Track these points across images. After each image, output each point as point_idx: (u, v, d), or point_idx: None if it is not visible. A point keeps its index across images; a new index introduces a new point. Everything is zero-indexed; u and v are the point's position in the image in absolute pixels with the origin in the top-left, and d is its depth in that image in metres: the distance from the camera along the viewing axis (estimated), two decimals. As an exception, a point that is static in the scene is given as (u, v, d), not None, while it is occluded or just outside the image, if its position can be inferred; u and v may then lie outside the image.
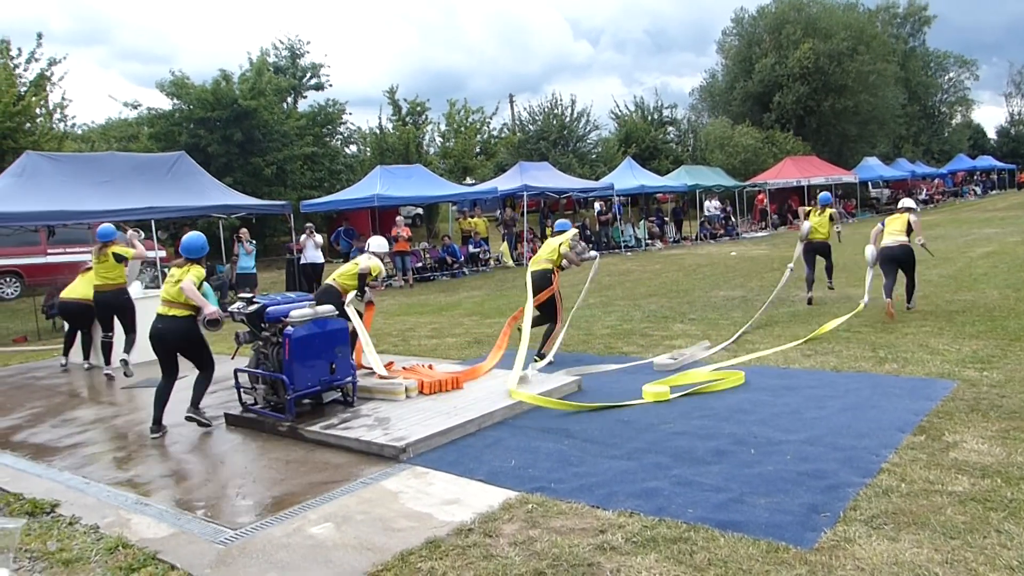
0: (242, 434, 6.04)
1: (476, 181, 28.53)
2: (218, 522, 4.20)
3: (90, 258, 9.14)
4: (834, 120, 41.01)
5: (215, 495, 4.72)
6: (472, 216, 22.00)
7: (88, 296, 9.11)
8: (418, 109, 31.23)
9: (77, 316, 9.58)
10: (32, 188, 12.95)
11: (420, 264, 19.15)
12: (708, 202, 28.41)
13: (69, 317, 9.76)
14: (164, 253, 17.46)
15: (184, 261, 6.15)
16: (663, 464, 4.55)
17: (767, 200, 30.98)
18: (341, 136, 33.04)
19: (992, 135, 69.33)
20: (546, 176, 23.08)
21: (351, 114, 60.86)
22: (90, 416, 7.14)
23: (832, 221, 10.61)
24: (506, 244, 21.51)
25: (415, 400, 6.25)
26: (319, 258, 16.48)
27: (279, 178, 26.21)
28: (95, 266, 8.74)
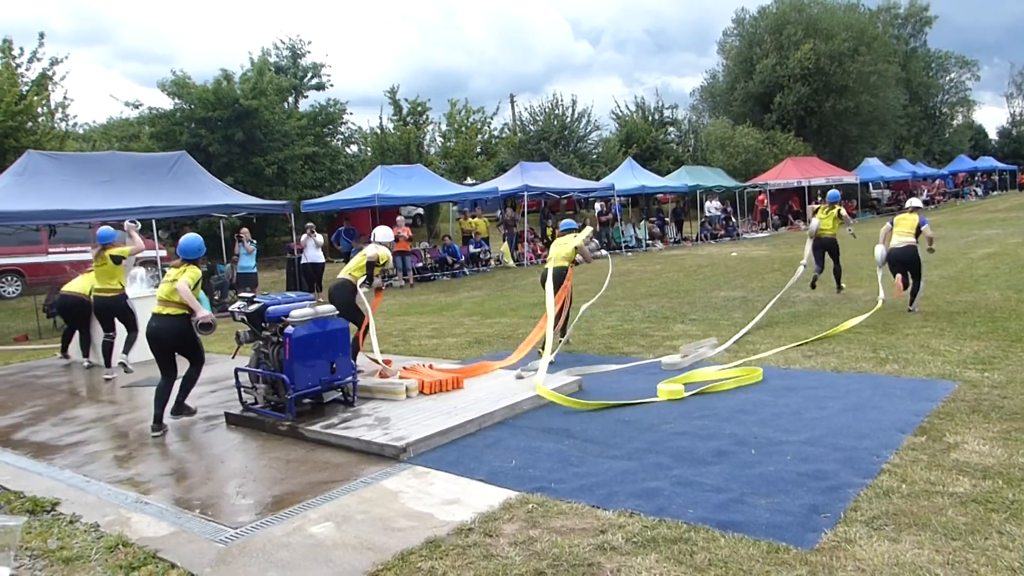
0: (242, 433, 6.04)
1: (477, 181, 28.54)
2: (218, 521, 4.21)
3: (91, 258, 9.26)
4: (835, 121, 41.03)
5: (215, 494, 4.72)
6: (473, 216, 22.00)
7: (85, 291, 9.33)
8: (419, 109, 31.24)
9: (72, 311, 9.70)
10: (33, 187, 12.98)
11: (420, 264, 19.16)
12: (709, 203, 28.40)
13: (65, 311, 9.90)
14: (165, 252, 17.46)
15: (181, 262, 6.32)
16: (664, 464, 4.55)
17: (768, 201, 30.98)
18: (342, 136, 33.04)
19: (993, 136, 69.36)
20: (547, 176, 23.09)
21: (352, 114, 60.87)
22: (91, 415, 7.14)
23: (841, 219, 10.81)
24: (507, 244, 21.51)
25: (415, 400, 6.25)
26: (320, 258, 16.48)
27: (280, 178, 26.22)
28: (95, 269, 8.86)
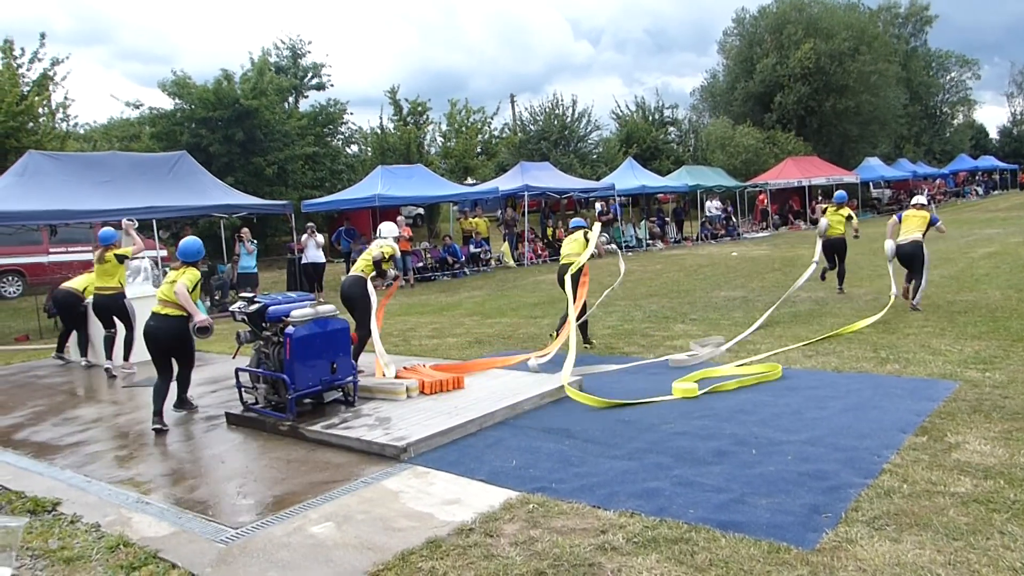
0: (243, 433, 6.04)
1: (477, 181, 28.54)
2: (219, 521, 4.21)
3: (93, 259, 9.43)
4: (835, 120, 41.02)
5: (216, 494, 4.72)
6: (473, 216, 22.00)
7: (78, 288, 9.62)
8: (419, 109, 31.24)
9: (65, 306, 9.88)
10: (34, 187, 12.99)
11: (421, 264, 19.15)
12: (709, 202, 28.39)
13: (58, 305, 10.06)
14: (165, 252, 17.47)
15: (181, 264, 6.48)
16: (664, 464, 4.54)
17: (768, 200, 30.95)
18: (342, 136, 33.03)
19: (994, 135, 69.29)
20: (547, 176, 23.09)
21: (352, 114, 60.80)
22: (91, 415, 7.14)
23: (849, 221, 11.04)
24: (507, 244, 21.51)
25: (416, 400, 6.25)
26: (320, 258, 16.47)
27: (280, 178, 26.21)
28: (96, 269, 9.01)
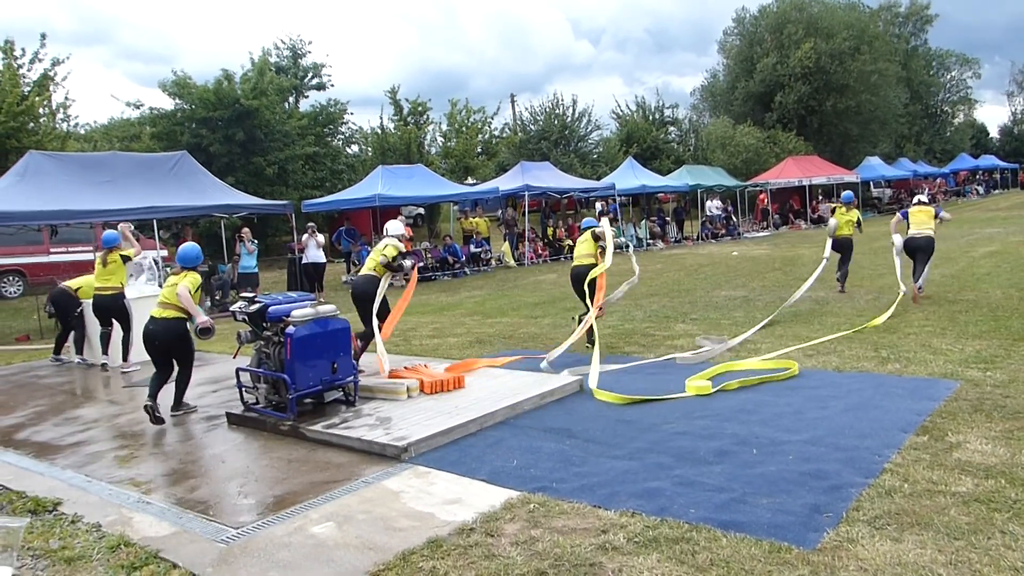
0: (244, 433, 6.04)
1: (477, 181, 28.55)
2: (220, 521, 4.21)
3: (96, 258, 9.65)
4: (836, 120, 41.00)
5: (217, 494, 4.72)
6: (474, 216, 22.00)
7: (73, 287, 9.92)
8: (419, 109, 31.23)
9: (62, 305, 10.06)
10: (35, 187, 13.01)
11: (422, 264, 19.13)
12: (709, 202, 28.38)
13: (56, 306, 10.20)
14: (166, 252, 17.47)
15: (180, 269, 6.66)
16: (665, 464, 4.54)
17: (768, 200, 30.94)
18: (342, 136, 33.05)
19: (995, 134, 69.22)
20: (548, 176, 23.09)
21: (352, 114, 60.77)
22: (92, 415, 7.14)
23: (858, 224, 11.50)
24: (507, 244, 21.50)
25: (417, 400, 6.25)
26: (321, 258, 16.47)
27: (281, 178, 26.22)
28: (98, 271, 9.19)
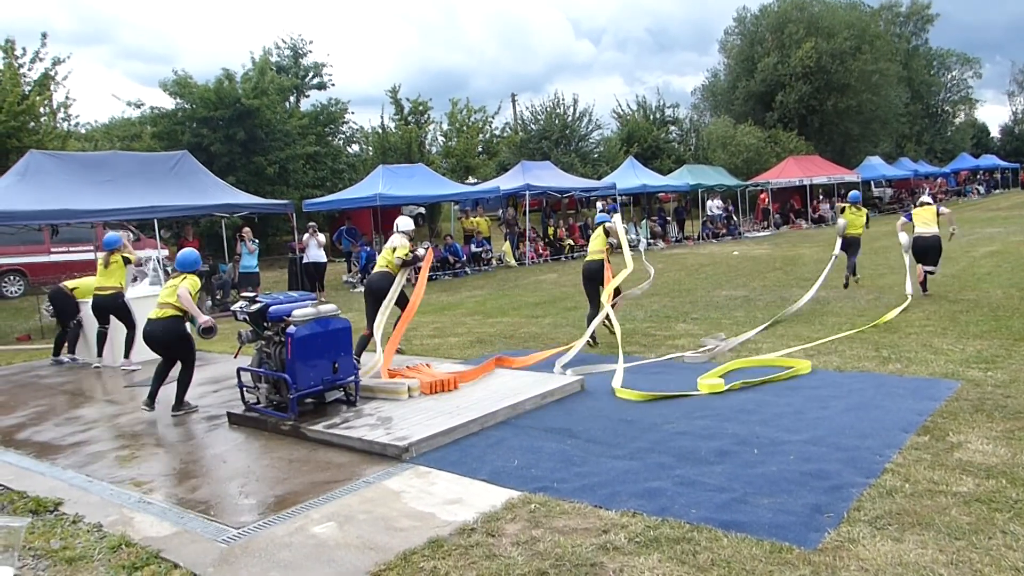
0: (245, 433, 6.05)
1: (478, 180, 28.53)
2: (221, 521, 4.21)
3: (98, 259, 9.77)
4: (836, 119, 40.99)
5: (218, 494, 4.72)
6: (474, 215, 21.99)
7: (70, 287, 10.02)
8: (420, 108, 31.21)
9: (59, 304, 10.14)
10: (36, 187, 13.00)
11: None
12: (710, 201, 28.37)
13: (53, 304, 10.27)
14: (167, 252, 17.46)
15: (179, 273, 6.84)
16: (666, 464, 4.54)
17: (769, 199, 30.92)
18: (343, 135, 33.04)
19: (996, 134, 69.13)
20: (548, 175, 23.08)
21: (353, 113, 60.76)
22: (93, 415, 7.15)
23: (866, 223, 11.86)
24: (508, 244, 21.50)
25: (417, 400, 6.25)
26: (322, 257, 16.46)
27: (281, 177, 26.22)
28: (100, 272, 9.30)
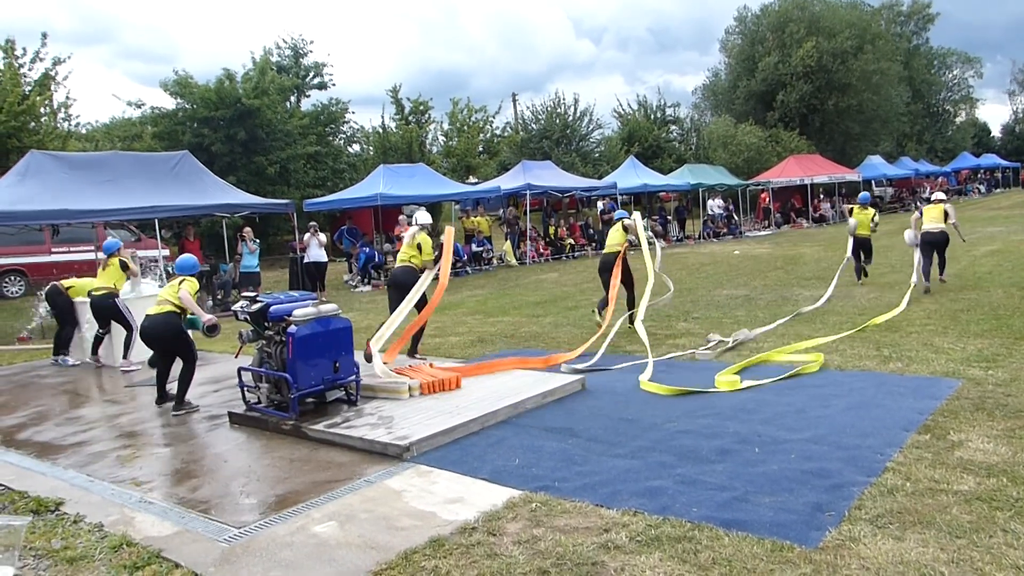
0: (246, 432, 6.05)
1: (479, 180, 28.54)
2: (222, 520, 4.21)
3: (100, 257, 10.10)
4: (837, 119, 40.95)
5: (219, 493, 4.72)
6: (475, 215, 21.99)
7: (65, 286, 10.13)
8: (421, 108, 31.25)
9: (53, 300, 10.23)
10: (36, 187, 13.01)
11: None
12: (711, 201, 28.35)
13: (49, 300, 10.37)
14: (168, 252, 17.46)
15: (179, 276, 7.03)
16: (667, 463, 4.54)
17: (770, 199, 30.91)
18: (344, 135, 33.06)
19: (997, 133, 69.05)
20: (549, 175, 23.07)
21: (354, 113, 60.60)
22: (94, 414, 7.15)
23: (873, 220, 12.06)
24: (509, 243, 21.50)
25: (418, 399, 6.24)
26: (323, 257, 16.47)
27: (282, 177, 26.23)
28: (99, 273, 9.39)
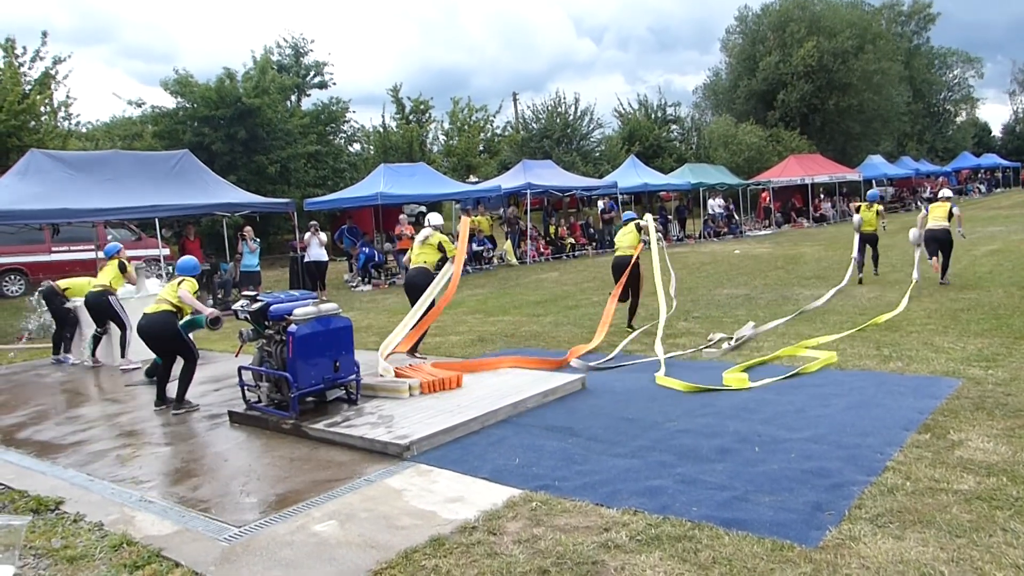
0: (246, 432, 6.05)
1: (480, 179, 28.53)
2: (222, 519, 4.21)
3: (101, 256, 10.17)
4: (838, 118, 40.96)
5: (219, 492, 4.72)
6: (476, 214, 21.98)
7: (61, 286, 10.20)
8: (421, 107, 31.26)
9: (49, 299, 10.28)
10: (36, 186, 13.02)
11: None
12: (712, 200, 28.35)
13: (46, 299, 10.40)
14: (168, 251, 17.47)
15: (179, 276, 7.10)
16: (667, 462, 4.54)
17: (771, 198, 30.90)
18: (344, 134, 33.08)
19: (998, 133, 69.00)
20: (550, 174, 23.08)
21: (354, 112, 60.52)
22: (94, 413, 7.16)
23: (879, 216, 12.21)
24: (510, 242, 21.51)
25: (419, 398, 6.24)
26: (323, 256, 16.47)
27: (283, 176, 26.24)
28: (99, 273, 9.48)
